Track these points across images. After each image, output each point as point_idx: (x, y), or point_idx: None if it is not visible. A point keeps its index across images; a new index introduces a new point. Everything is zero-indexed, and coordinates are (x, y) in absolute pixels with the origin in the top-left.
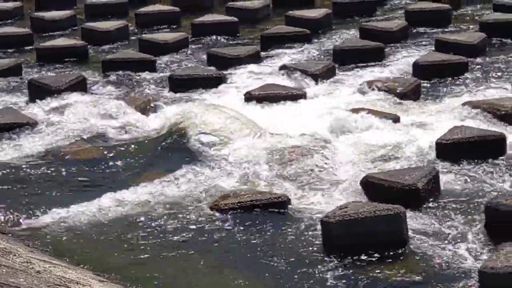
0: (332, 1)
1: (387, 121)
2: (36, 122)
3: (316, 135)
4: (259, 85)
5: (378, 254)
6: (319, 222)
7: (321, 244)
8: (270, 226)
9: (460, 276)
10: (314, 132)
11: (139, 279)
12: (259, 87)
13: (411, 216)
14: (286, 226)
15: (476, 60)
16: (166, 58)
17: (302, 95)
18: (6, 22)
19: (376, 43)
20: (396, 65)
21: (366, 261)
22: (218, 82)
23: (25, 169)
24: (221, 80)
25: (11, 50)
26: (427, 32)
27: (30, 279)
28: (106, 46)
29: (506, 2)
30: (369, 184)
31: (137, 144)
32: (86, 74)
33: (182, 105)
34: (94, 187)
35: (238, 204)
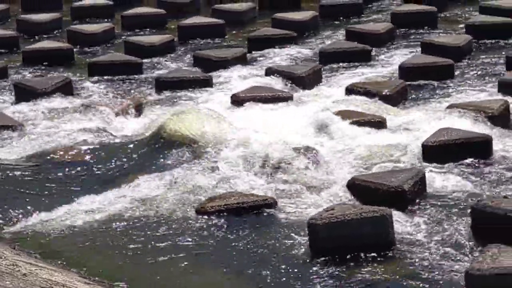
0: (318, 3)
1: (373, 123)
2: (21, 125)
3: (302, 138)
4: (246, 87)
5: (364, 256)
6: (306, 224)
7: (308, 246)
8: (257, 228)
9: (446, 278)
10: (301, 134)
11: (125, 282)
12: (246, 90)
13: (398, 218)
14: (273, 228)
15: (462, 62)
16: (152, 60)
17: (288, 98)
18: None
19: (362, 45)
20: (382, 67)
21: (353, 263)
22: (204, 84)
23: (9, 171)
24: (207, 82)
25: None
26: (414, 34)
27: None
28: (92, 48)
29: (492, 4)
30: (355, 186)
31: (122, 147)
32: (72, 76)
33: (168, 107)
34: (80, 190)
35: (224, 206)
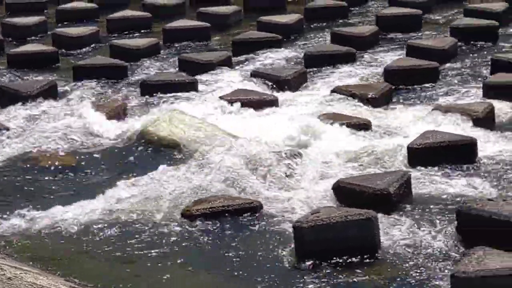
0: (304, 6)
1: (358, 126)
2: (6, 128)
3: (287, 141)
4: (231, 90)
5: (350, 259)
6: (292, 227)
7: (293, 249)
8: (243, 231)
9: (432, 280)
10: (286, 137)
11: (110, 285)
12: (231, 93)
13: (383, 220)
14: (259, 231)
15: (447, 65)
16: (137, 63)
17: (273, 101)
18: None
19: (347, 48)
20: (367, 70)
21: (339, 266)
22: (189, 87)
23: None
24: (192, 85)
25: None
26: (399, 37)
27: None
28: (77, 51)
29: (477, 7)
30: (341, 189)
31: (107, 150)
32: (57, 80)
33: (153, 110)
34: (64, 194)
35: (210, 209)
